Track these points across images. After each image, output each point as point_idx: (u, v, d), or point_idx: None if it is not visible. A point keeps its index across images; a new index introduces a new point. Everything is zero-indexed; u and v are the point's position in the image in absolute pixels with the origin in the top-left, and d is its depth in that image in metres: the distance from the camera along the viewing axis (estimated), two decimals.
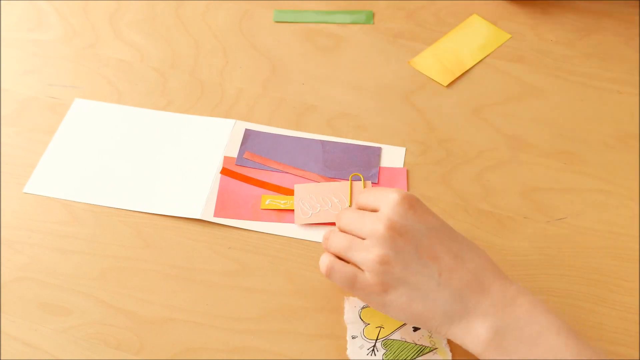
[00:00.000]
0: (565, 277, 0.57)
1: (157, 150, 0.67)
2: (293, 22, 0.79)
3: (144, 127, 0.69)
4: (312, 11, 0.79)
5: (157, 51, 0.76)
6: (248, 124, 0.69)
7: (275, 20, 0.79)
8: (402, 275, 0.49)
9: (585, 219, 0.61)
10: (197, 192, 0.63)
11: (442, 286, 0.49)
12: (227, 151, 0.67)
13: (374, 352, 0.53)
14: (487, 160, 0.66)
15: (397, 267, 0.49)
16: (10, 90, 0.72)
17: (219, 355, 0.53)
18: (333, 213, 0.61)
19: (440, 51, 0.75)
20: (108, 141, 0.68)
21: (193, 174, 0.65)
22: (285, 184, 0.64)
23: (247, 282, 0.57)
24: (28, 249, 0.60)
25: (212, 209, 0.62)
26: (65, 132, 0.69)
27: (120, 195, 0.63)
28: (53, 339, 0.54)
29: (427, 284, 0.49)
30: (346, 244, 0.52)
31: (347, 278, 0.51)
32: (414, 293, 0.49)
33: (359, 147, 0.67)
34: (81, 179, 0.65)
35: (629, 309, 0.55)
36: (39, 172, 0.65)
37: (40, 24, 0.79)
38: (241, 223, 0.61)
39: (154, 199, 0.63)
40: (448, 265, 0.49)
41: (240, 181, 0.64)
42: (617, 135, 0.67)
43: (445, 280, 0.49)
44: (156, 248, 0.60)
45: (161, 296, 0.57)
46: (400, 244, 0.49)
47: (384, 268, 0.49)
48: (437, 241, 0.50)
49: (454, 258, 0.49)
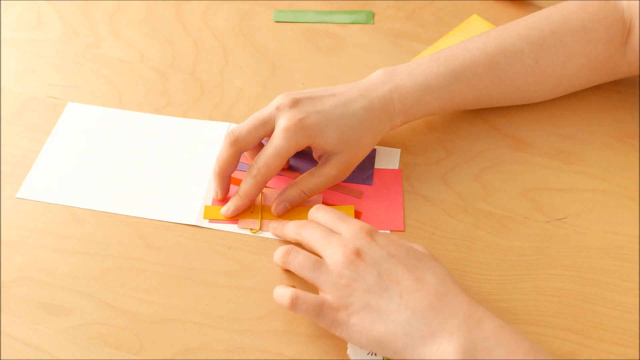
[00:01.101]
0: (565, 277, 0.57)
1: (152, 154, 0.67)
2: (293, 22, 0.79)
3: (138, 131, 0.68)
4: (312, 11, 0.79)
5: (157, 51, 0.76)
6: None
7: (275, 20, 0.79)
8: (364, 298, 0.49)
9: (585, 219, 0.61)
10: (192, 197, 0.63)
11: (402, 307, 0.48)
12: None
13: (374, 352, 0.53)
14: (487, 160, 0.66)
15: (360, 290, 0.49)
16: (10, 90, 0.72)
17: (219, 355, 0.53)
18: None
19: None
20: (102, 145, 0.67)
21: (188, 179, 0.64)
22: (281, 187, 0.63)
23: (247, 282, 0.57)
24: (28, 249, 0.60)
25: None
26: (58, 136, 0.68)
27: (114, 199, 0.63)
28: (53, 339, 0.54)
29: (388, 306, 0.48)
30: (309, 265, 0.52)
31: (314, 306, 0.50)
32: (375, 316, 0.48)
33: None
34: (74, 184, 0.64)
35: (629, 309, 0.55)
36: (31, 177, 0.64)
37: (40, 24, 0.79)
38: (237, 228, 0.61)
39: (148, 203, 0.62)
40: (409, 287, 0.49)
41: (236, 186, 0.64)
42: (617, 135, 0.67)
43: (406, 302, 0.48)
44: (156, 248, 0.60)
45: (161, 296, 0.57)
46: (362, 268, 0.50)
47: (347, 291, 0.50)
48: (398, 265, 0.50)
49: (416, 281, 0.49)
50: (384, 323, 0.48)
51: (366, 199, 0.63)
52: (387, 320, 0.48)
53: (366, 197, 0.63)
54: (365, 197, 0.63)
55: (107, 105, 0.71)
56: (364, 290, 0.49)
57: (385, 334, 0.48)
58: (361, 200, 0.63)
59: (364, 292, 0.49)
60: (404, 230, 0.60)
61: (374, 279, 0.50)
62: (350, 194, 0.63)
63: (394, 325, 0.48)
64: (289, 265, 0.54)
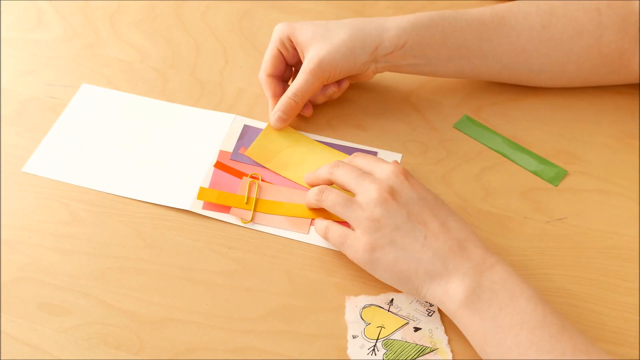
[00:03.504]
0: (565, 277, 0.57)
1: (155, 139, 0.68)
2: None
3: (145, 115, 0.70)
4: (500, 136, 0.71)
5: (157, 51, 0.76)
6: (247, 120, 0.69)
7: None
8: (391, 235, 0.53)
9: (585, 219, 0.61)
10: (189, 184, 0.64)
11: (426, 247, 0.52)
12: (223, 145, 0.67)
13: (375, 352, 0.53)
14: (487, 160, 0.66)
15: (388, 228, 0.53)
16: (10, 90, 0.72)
17: (219, 355, 0.53)
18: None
19: None
20: (110, 128, 0.69)
21: (187, 165, 0.65)
22: (278, 182, 0.64)
23: (247, 282, 0.57)
24: (28, 249, 0.60)
25: (202, 202, 0.62)
26: (69, 116, 0.69)
27: (113, 181, 0.64)
28: (53, 339, 0.54)
29: (413, 245, 0.52)
30: (341, 201, 0.56)
31: (339, 236, 0.55)
32: (400, 253, 0.52)
33: (354, 149, 0.66)
34: (77, 163, 0.65)
35: (629, 309, 0.55)
36: (38, 153, 0.66)
37: (40, 24, 0.79)
38: (229, 218, 0.61)
39: (145, 186, 0.63)
40: (434, 230, 0.53)
41: (233, 176, 0.64)
42: (617, 135, 0.67)
43: (429, 243, 0.52)
44: (156, 248, 0.60)
45: (161, 296, 0.57)
46: (393, 207, 0.53)
47: (375, 227, 0.53)
48: (426, 209, 0.54)
49: (441, 225, 0.53)
50: (408, 260, 0.52)
51: None
52: (410, 258, 0.52)
53: None
54: None
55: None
56: (392, 228, 0.53)
57: (407, 270, 0.52)
58: None
59: (392, 230, 0.53)
60: None
61: (402, 219, 0.53)
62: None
63: (416, 264, 0.52)
64: (322, 203, 0.58)
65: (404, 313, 0.55)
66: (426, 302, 0.55)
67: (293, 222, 0.61)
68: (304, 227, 0.61)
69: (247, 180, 0.63)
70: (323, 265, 0.58)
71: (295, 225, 0.61)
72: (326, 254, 0.59)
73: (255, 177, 0.64)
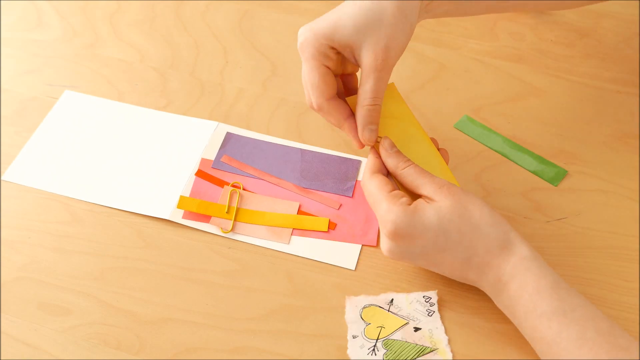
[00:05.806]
0: (565, 277, 0.57)
1: (136, 146, 0.67)
2: (292, 21, 0.79)
3: (127, 123, 0.69)
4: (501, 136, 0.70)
5: (157, 51, 0.76)
6: (230, 127, 0.68)
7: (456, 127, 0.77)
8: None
9: (585, 219, 0.61)
10: (169, 192, 0.63)
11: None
12: (205, 153, 0.66)
13: (375, 352, 0.53)
14: (487, 160, 0.66)
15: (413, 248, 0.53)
16: (10, 90, 0.72)
17: (219, 355, 0.53)
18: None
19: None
20: (91, 135, 0.68)
21: (168, 174, 0.65)
22: (259, 191, 0.63)
23: (247, 282, 0.57)
24: (28, 249, 0.60)
25: (182, 211, 0.62)
26: (50, 123, 0.69)
27: (92, 189, 0.63)
28: (53, 339, 0.54)
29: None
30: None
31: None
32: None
33: (338, 158, 0.65)
34: (57, 171, 0.65)
35: (629, 309, 0.55)
36: (18, 162, 0.65)
37: (40, 24, 0.79)
38: (209, 227, 0.61)
39: (125, 195, 0.63)
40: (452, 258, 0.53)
41: (214, 184, 0.63)
42: (617, 135, 0.67)
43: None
44: (156, 248, 0.60)
45: (161, 296, 0.57)
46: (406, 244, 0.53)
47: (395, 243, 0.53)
48: (434, 253, 0.53)
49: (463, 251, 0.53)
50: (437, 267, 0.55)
51: (344, 211, 0.62)
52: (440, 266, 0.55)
53: (344, 209, 0.62)
54: (344, 209, 0.62)
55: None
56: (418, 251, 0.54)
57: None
58: (339, 211, 0.62)
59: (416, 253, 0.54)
60: (377, 246, 0.60)
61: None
62: (329, 204, 0.62)
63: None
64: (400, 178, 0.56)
65: (404, 313, 0.55)
66: (426, 302, 0.55)
67: (274, 231, 0.60)
68: (284, 236, 0.60)
69: (228, 189, 0.63)
70: (323, 265, 0.58)
71: (276, 235, 0.60)
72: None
73: (237, 186, 0.63)
